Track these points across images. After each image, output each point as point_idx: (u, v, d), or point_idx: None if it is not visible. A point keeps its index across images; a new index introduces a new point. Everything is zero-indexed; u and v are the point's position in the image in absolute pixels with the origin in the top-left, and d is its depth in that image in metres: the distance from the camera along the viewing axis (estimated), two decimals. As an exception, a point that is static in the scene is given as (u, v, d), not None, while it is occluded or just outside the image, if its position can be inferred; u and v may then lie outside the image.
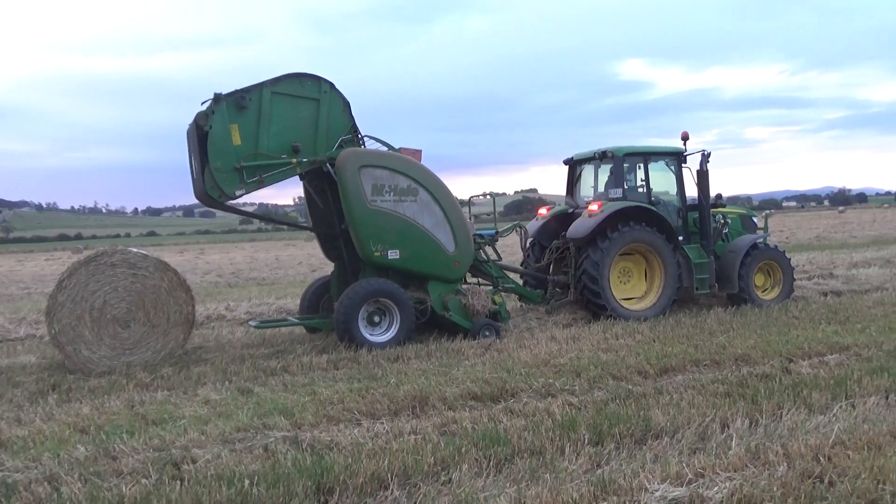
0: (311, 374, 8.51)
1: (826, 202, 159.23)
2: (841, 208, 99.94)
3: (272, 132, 9.82)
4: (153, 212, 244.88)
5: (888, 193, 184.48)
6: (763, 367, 7.68)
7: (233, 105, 9.57)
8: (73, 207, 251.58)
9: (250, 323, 11.67)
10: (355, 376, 8.19)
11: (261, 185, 9.81)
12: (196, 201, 10.55)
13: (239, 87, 9.65)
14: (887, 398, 6.35)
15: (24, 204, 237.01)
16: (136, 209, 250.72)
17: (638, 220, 11.81)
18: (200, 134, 9.48)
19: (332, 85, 10.27)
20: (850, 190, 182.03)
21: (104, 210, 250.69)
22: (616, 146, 12.38)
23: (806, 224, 53.75)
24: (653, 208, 12.06)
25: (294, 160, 9.98)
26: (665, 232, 12.01)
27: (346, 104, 10.41)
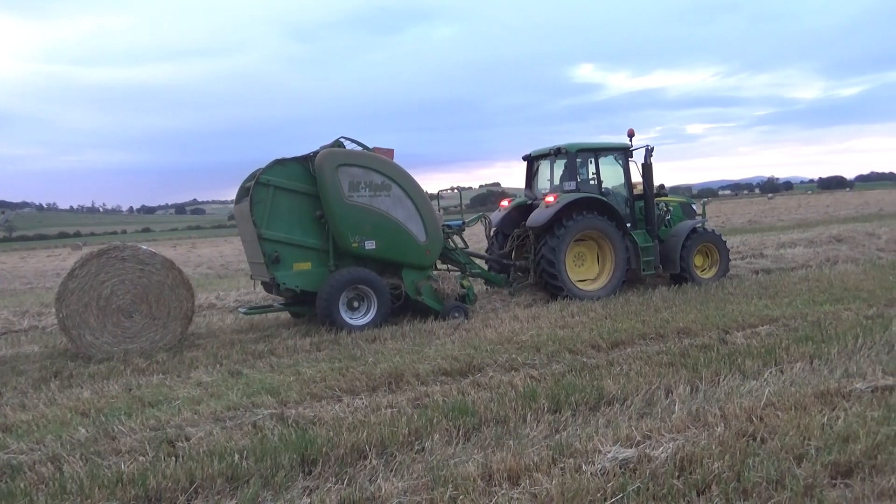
0: (295, 355, 8.45)
1: (757, 190, 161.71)
2: (770, 195, 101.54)
3: None
4: (147, 210, 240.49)
5: (812, 181, 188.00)
6: (702, 339, 7.78)
7: None
8: (71, 207, 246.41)
9: (240, 310, 11.55)
10: (336, 356, 8.15)
11: None
12: (188, 199, 10.37)
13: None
14: (811, 364, 6.47)
15: (25, 205, 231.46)
16: (131, 208, 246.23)
17: (590, 209, 11.88)
18: None
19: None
20: (777, 179, 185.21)
21: (101, 209, 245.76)
22: (569, 143, 12.42)
23: (739, 210, 54.53)
24: (603, 199, 12.12)
25: None
26: (615, 220, 12.09)
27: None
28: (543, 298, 11.81)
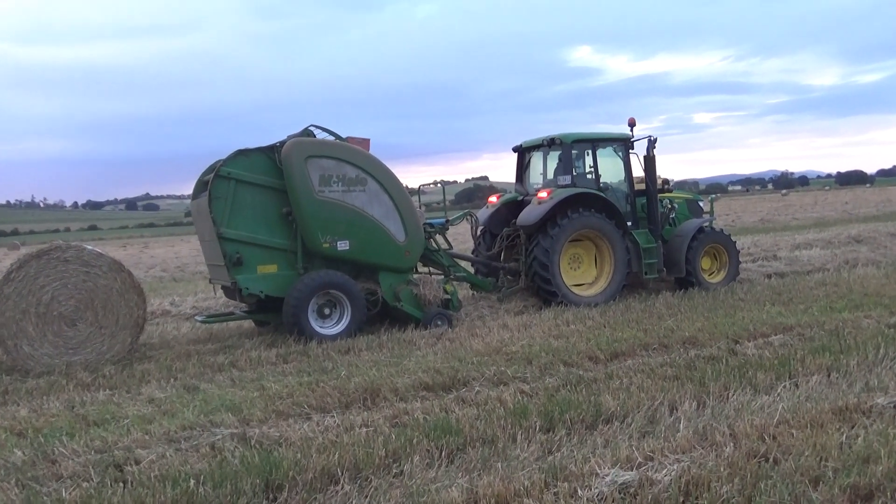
0: (259, 368, 8.42)
1: (770, 186, 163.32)
2: (784, 191, 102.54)
3: None
4: (94, 205, 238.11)
5: (829, 176, 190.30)
6: (710, 350, 7.84)
7: None
8: (8, 202, 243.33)
9: (196, 318, 11.47)
10: (305, 370, 8.12)
11: None
12: (140, 193, 10.33)
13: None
14: (829, 376, 6.54)
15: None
16: (75, 203, 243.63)
17: (587, 206, 11.93)
18: None
19: None
20: (792, 173, 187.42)
21: (42, 204, 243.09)
22: (564, 133, 12.46)
23: (751, 207, 55.08)
24: (602, 194, 12.19)
25: None
26: (614, 218, 12.16)
27: None
28: (536, 305, 11.85)
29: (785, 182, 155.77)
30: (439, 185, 14.46)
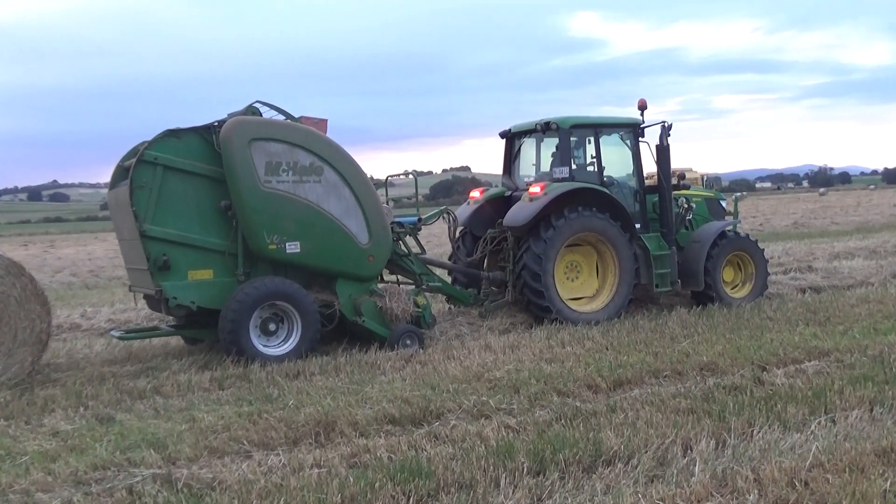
0: (189, 395, 8.37)
1: (805, 183, 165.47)
2: (822, 190, 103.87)
3: None
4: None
5: (874, 173, 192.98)
6: (732, 378, 7.90)
7: None
8: None
9: (113, 333, 11.39)
10: (245, 398, 8.09)
11: None
12: (45, 181, 10.24)
13: None
14: (871, 411, 6.62)
15: None
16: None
17: (587, 204, 11.97)
18: None
19: None
20: (831, 169, 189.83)
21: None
22: (561, 116, 12.53)
23: (782, 208, 55.71)
24: (605, 190, 12.25)
25: None
26: (620, 219, 12.21)
27: None
28: (525, 322, 11.88)
29: (823, 179, 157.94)
30: (411, 176, 14.48)
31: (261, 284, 10.05)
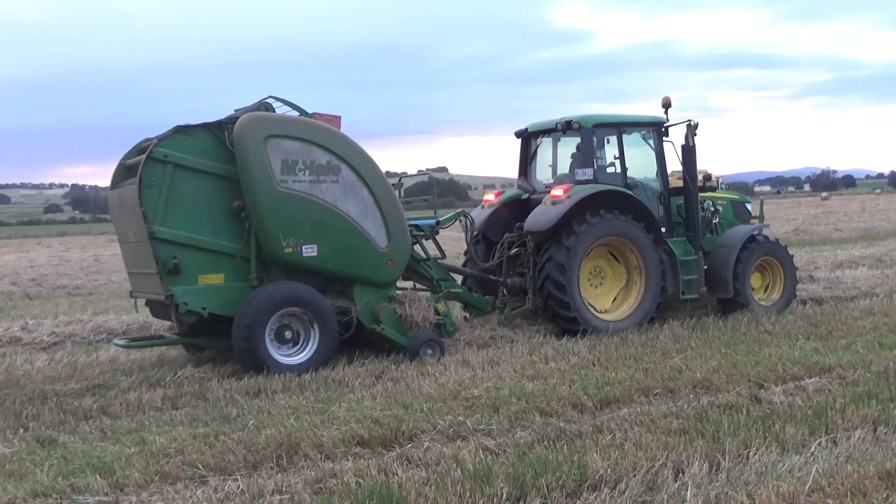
0: (139, 416, 8.35)
1: (806, 186, 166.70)
2: (824, 194, 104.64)
3: None
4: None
5: (880, 176, 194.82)
6: (727, 396, 7.97)
7: None
8: None
9: (116, 342, 11.40)
10: (200, 418, 8.07)
11: None
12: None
13: None
14: (875, 431, 6.68)
15: None
16: None
17: (610, 207, 12.00)
18: None
19: None
20: (835, 172, 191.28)
21: None
22: (583, 115, 12.58)
23: (782, 213, 56.02)
24: (630, 193, 12.31)
25: None
26: (644, 222, 12.26)
27: None
28: (504, 336, 11.87)
29: (825, 183, 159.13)
30: (426, 177, 14.56)
31: (276, 289, 10.13)
